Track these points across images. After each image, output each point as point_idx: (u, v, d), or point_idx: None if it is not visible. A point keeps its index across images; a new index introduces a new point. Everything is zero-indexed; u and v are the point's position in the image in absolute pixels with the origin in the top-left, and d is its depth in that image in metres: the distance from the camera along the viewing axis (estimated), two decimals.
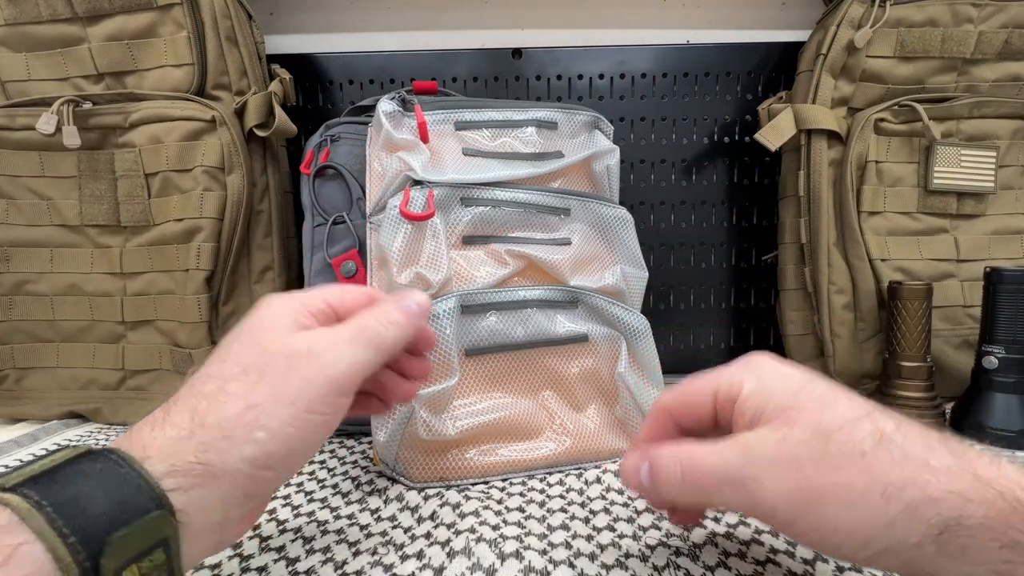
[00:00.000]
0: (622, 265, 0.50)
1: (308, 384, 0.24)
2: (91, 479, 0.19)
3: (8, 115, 0.54)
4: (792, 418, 0.23)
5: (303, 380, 0.24)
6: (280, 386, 0.24)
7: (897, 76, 0.58)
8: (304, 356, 0.25)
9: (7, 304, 0.57)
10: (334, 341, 0.26)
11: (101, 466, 0.20)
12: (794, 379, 0.25)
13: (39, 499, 0.18)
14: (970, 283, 0.59)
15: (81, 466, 0.20)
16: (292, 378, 0.24)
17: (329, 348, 0.25)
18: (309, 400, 0.24)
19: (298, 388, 0.24)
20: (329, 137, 0.55)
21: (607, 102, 0.68)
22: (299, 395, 0.24)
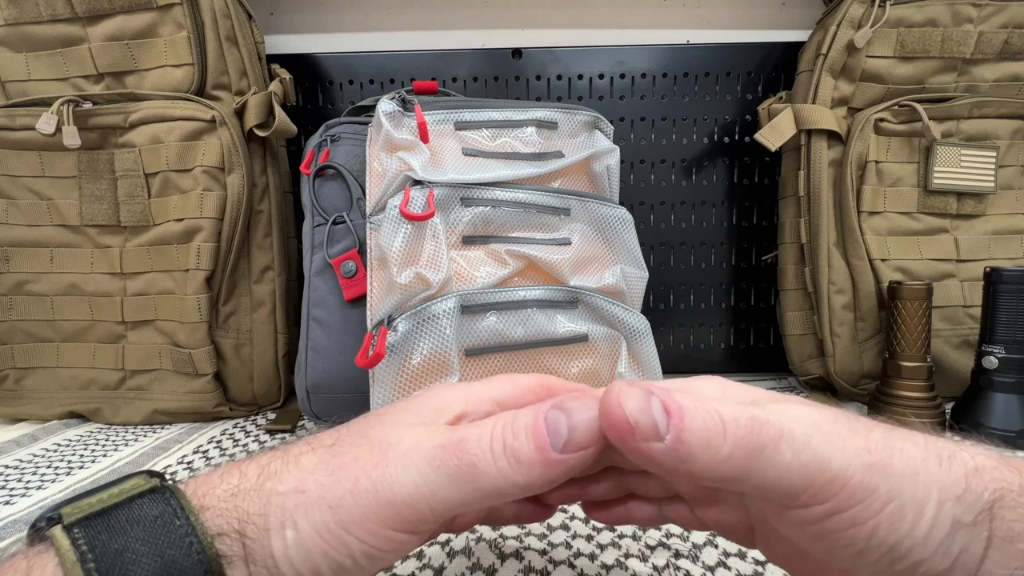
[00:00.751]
0: (622, 265, 0.50)
1: (356, 494, 0.18)
2: (144, 529, 0.17)
3: (8, 115, 0.54)
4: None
5: (354, 487, 0.18)
6: (332, 481, 0.18)
7: (897, 76, 0.58)
8: (379, 453, 0.19)
9: (7, 304, 0.57)
10: (412, 449, 0.19)
11: (158, 512, 0.17)
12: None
13: (87, 549, 0.16)
14: (970, 283, 0.59)
15: (140, 509, 0.17)
16: (345, 477, 0.18)
17: (405, 457, 0.19)
18: (348, 514, 0.18)
19: (342, 494, 0.18)
20: (329, 137, 0.55)
21: (607, 102, 0.68)
22: (340, 503, 0.18)
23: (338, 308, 0.54)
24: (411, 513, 0.18)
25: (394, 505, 0.18)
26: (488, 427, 0.19)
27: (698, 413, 0.18)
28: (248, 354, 0.58)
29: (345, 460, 0.19)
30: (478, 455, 0.18)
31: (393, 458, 0.19)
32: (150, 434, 0.55)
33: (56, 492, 0.42)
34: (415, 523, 0.18)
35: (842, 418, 0.18)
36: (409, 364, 0.42)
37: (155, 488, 0.18)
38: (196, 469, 0.46)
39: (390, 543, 0.18)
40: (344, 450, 0.19)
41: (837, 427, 0.18)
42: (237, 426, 0.56)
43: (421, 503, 0.18)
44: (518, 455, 0.18)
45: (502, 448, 0.18)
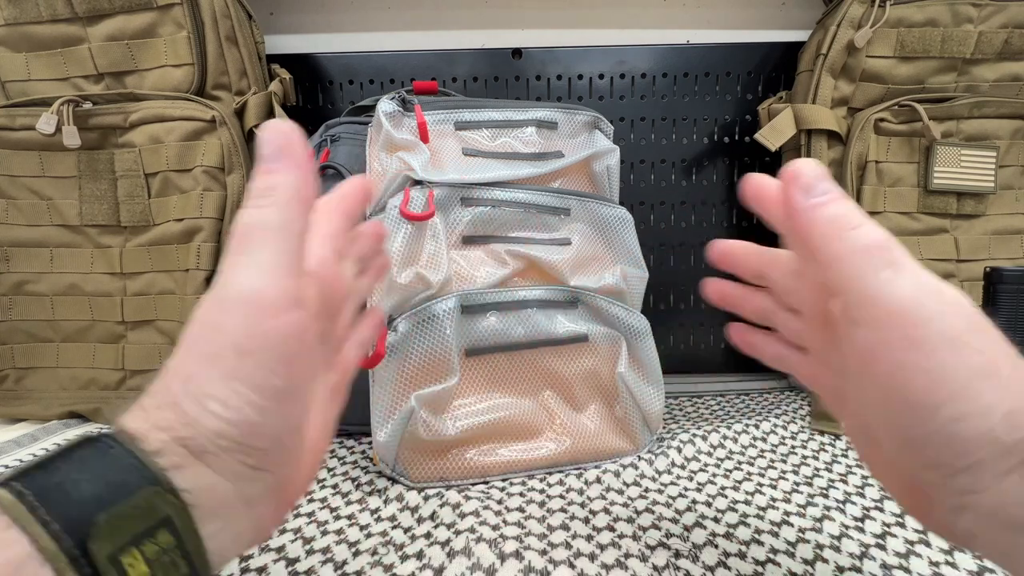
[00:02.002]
0: (622, 265, 0.50)
1: (228, 327, 0.20)
2: (81, 464, 0.18)
3: (8, 115, 0.54)
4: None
5: (220, 324, 0.20)
6: (206, 342, 0.20)
7: (897, 76, 0.58)
8: (222, 292, 0.20)
9: (7, 304, 0.57)
10: (232, 255, 0.20)
11: (92, 450, 0.18)
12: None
13: (22, 488, 0.16)
14: (970, 283, 0.59)
15: (73, 453, 0.18)
16: (210, 328, 0.20)
17: (234, 266, 0.20)
18: (234, 343, 0.19)
19: (222, 339, 0.19)
20: (329, 137, 0.55)
21: (607, 102, 0.68)
22: (220, 351, 0.19)
23: None
24: (268, 287, 0.20)
25: (254, 292, 0.20)
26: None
27: (843, 206, 0.22)
28: None
29: (206, 329, 0.20)
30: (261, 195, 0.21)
31: (228, 275, 0.20)
32: None
33: None
34: (278, 297, 0.20)
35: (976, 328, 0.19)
36: (409, 364, 0.42)
37: (88, 436, 0.19)
38: None
39: (275, 337, 0.20)
40: (198, 329, 0.20)
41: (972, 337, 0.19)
42: None
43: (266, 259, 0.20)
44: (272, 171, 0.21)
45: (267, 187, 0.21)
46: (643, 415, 0.47)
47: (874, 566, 0.31)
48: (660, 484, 0.42)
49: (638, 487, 0.42)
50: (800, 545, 0.33)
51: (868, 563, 0.32)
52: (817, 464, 0.45)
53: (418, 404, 0.41)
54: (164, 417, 0.19)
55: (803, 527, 0.35)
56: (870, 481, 0.42)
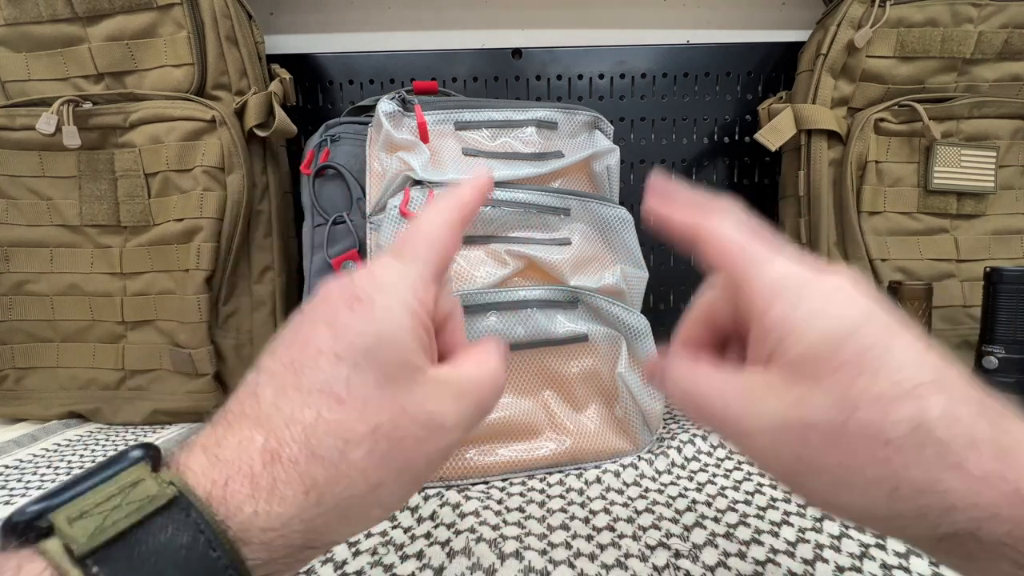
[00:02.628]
0: (622, 265, 0.50)
1: (433, 463, 0.20)
2: (179, 567, 0.15)
3: (8, 115, 0.54)
4: (818, 376, 0.18)
5: (429, 458, 0.19)
6: (409, 462, 0.19)
7: (897, 76, 0.58)
8: (436, 430, 0.19)
9: (7, 304, 0.57)
10: (461, 417, 0.20)
11: (189, 542, 0.15)
12: (840, 320, 0.18)
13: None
14: (970, 283, 0.59)
15: (167, 535, 0.15)
16: (420, 455, 0.19)
17: (457, 425, 0.20)
18: (428, 475, 0.20)
19: (424, 466, 0.19)
20: (329, 137, 0.55)
21: (607, 102, 0.68)
22: (420, 474, 0.20)
23: None
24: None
25: (449, 454, 0.21)
26: (493, 386, 0.22)
27: (668, 388, 0.22)
28: (248, 354, 0.58)
29: (408, 445, 0.19)
30: (490, 405, 0.22)
31: (450, 428, 0.20)
32: (150, 434, 0.55)
33: None
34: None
35: (818, 424, 0.18)
36: None
37: (173, 500, 0.15)
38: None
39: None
40: (397, 440, 0.19)
41: (792, 435, 0.18)
42: None
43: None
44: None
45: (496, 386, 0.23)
46: (643, 415, 0.47)
47: (874, 566, 0.31)
48: (660, 484, 0.42)
49: (638, 487, 0.42)
50: (800, 545, 0.33)
51: (868, 563, 0.32)
52: None
53: None
54: (289, 520, 0.17)
55: (803, 527, 0.35)
56: None
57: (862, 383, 0.17)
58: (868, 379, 0.17)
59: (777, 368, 0.19)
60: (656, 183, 0.23)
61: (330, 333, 0.18)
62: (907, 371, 0.17)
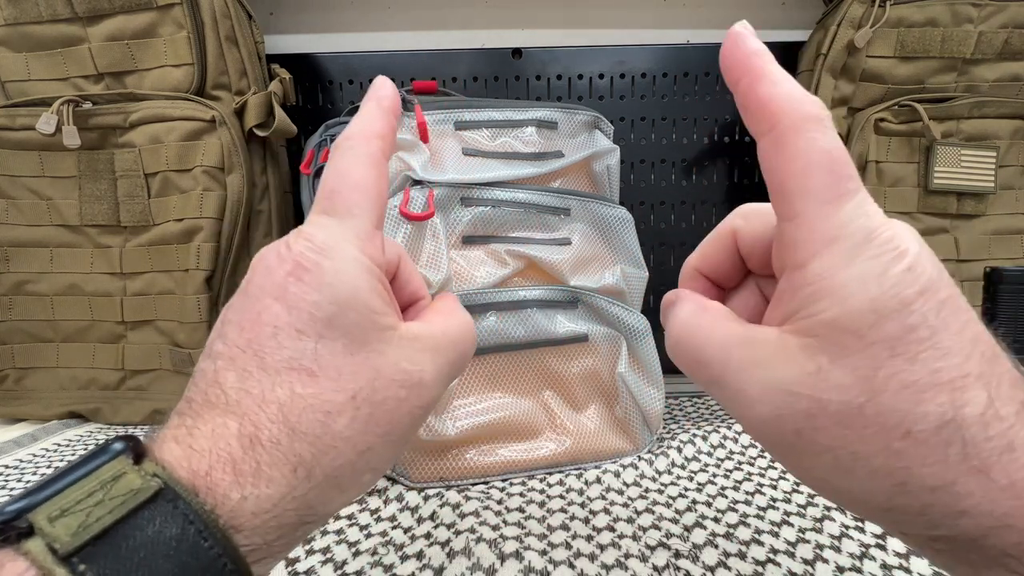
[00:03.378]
0: (622, 265, 0.50)
1: (417, 419, 0.20)
2: (170, 559, 0.14)
3: (8, 115, 0.54)
4: (847, 347, 0.15)
5: (413, 415, 0.19)
6: (393, 423, 0.18)
7: (897, 76, 0.58)
8: (415, 387, 0.19)
9: (7, 304, 0.57)
10: (440, 372, 0.20)
11: (178, 533, 0.14)
12: (900, 291, 0.15)
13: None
14: (970, 283, 0.59)
15: (154, 527, 0.14)
16: (403, 414, 0.19)
17: (436, 381, 0.20)
18: (413, 432, 0.20)
19: (409, 424, 0.19)
20: (329, 137, 0.55)
21: (607, 102, 0.68)
22: (406, 433, 0.19)
23: None
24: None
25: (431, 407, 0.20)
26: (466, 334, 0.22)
27: (667, 325, 0.21)
28: None
29: (390, 407, 0.18)
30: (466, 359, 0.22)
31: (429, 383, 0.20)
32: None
33: None
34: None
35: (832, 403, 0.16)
36: None
37: (158, 493, 0.15)
38: None
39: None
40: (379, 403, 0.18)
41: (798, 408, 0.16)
42: None
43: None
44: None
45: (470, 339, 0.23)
46: (643, 415, 0.47)
47: (874, 566, 0.31)
48: (660, 484, 0.42)
49: (638, 487, 0.42)
50: (800, 545, 0.33)
51: (868, 563, 0.32)
52: None
53: None
54: (280, 500, 0.16)
55: (803, 527, 0.35)
56: None
57: (895, 366, 0.15)
58: (903, 363, 0.15)
59: (799, 329, 0.16)
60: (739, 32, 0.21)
61: (283, 308, 0.17)
62: (951, 359, 0.15)
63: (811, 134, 0.17)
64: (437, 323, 0.21)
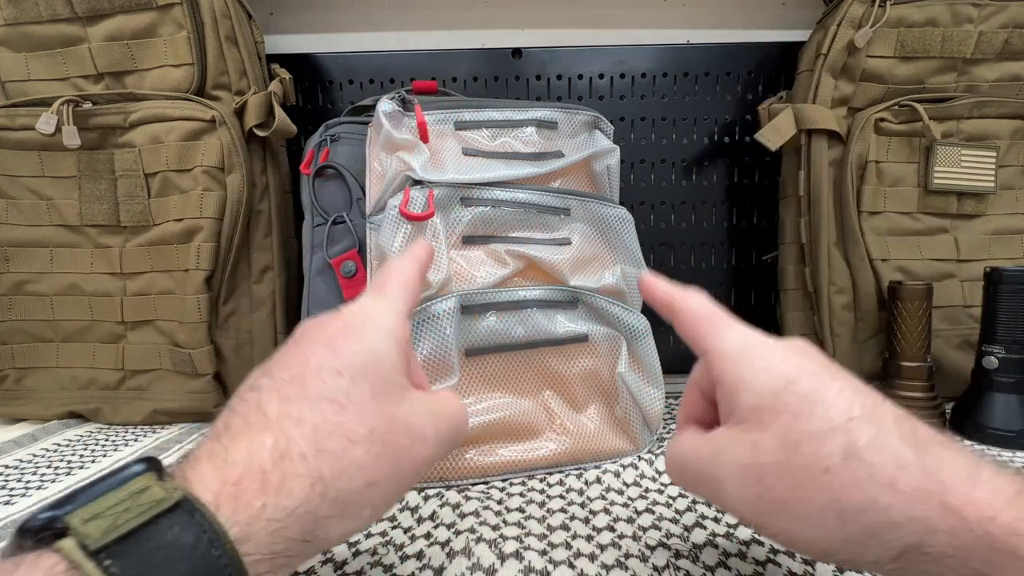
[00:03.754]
0: (622, 265, 0.50)
1: (416, 470, 0.23)
2: (184, 561, 0.16)
3: (8, 115, 0.54)
4: (765, 422, 0.22)
5: (413, 465, 0.22)
6: (397, 466, 0.22)
7: (897, 76, 0.58)
8: (420, 440, 0.23)
9: (7, 304, 0.57)
10: (439, 435, 0.24)
11: (193, 540, 0.16)
12: (780, 374, 0.22)
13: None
14: (970, 283, 0.59)
15: (171, 534, 0.16)
16: (407, 460, 0.22)
17: (435, 441, 0.23)
18: (411, 483, 0.23)
19: (409, 472, 0.22)
20: (329, 137, 0.55)
21: (607, 102, 0.68)
22: (407, 479, 0.22)
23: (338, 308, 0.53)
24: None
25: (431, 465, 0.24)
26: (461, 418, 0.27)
27: (666, 458, 0.28)
28: (248, 354, 0.58)
29: (398, 449, 0.22)
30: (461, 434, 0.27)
31: (432, 438, 0.23)
32: (150, 434, 0.55)
33: (56, 492, 0.42)
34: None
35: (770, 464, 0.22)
36: None
37: (179, 503, 0.17)
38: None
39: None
40: (390, 443, 0.21)
41: (752, 476, 0.22)
42: None
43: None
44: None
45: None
46: (643, 415, 0.47)
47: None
48: (660, 484, 0.42)
49: (638, 487, 0.42)
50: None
51: None
52: None
53: None
54: (293, 513, 0.18)
55: None
56: None
57: (800, 424, 0.21)
58: (804, 420, 0.21)
59: (735, 421, 0.23)
60: (645, 280, 0.30)
61: (329, 353, 0.22)
62: (837, 409, 0.21)
63: (692, 304, 0.28)
64: (441, 398, 0.26)
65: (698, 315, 0.26)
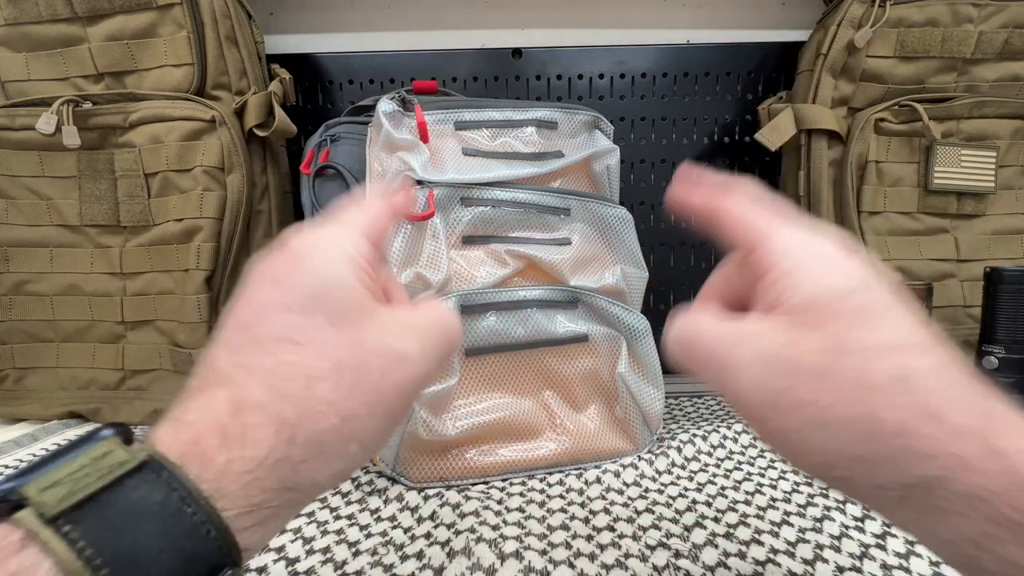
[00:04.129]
0: (622, 265, 0.50)
1: (405, 393, 0.21)
2: (153, 521, 0.15)
3: (8, 115, 0.54)
4: (815, 322, 0.19)
5: (400, 388, 0.20)
6: (379, 393, 0.20)
7: (897, 76, 0.58)
8: (399, 360, 0.21)
9: (7, 304, 0.57)
10: (425, 350, 0.22)
11: (162, 499, 0.15)
12: (847, 282, 0.20)
13: (91, 552, 0.14)
14: (970, 283, 0.59)
15: (139, 493, 0.15)
16: (389, 384, 0.20)
17: (422, 357, 0.21)
18: (403, 408, 0.21)
19: (395, 397, 0.20)
20: (329, 137, 0.55)
21: (607, 102, 0.68)
22: (396, 404, 0.21)
23: None
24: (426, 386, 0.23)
25: (422, 386, 0.22)
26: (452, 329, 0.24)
27: (669, 332, 0.24)
28: None
29: (374, 376, 0.20)
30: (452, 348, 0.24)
31: (415, 357, 0.21)
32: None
33: None
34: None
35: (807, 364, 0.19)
36: None
37: (144, 463, 0.16)
38: None
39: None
40: (363, 371, 0.19)
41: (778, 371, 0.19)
42: None
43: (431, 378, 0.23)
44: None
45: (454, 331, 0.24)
46: (643, 415, 0.47)
47: (874, 566, 0.31)
48: (660, 484, 0.42)
49: (638, 487, 0.42)
50: (800, 545, 0.33)
51: (868, 563, 0.32)
52: None
53: (418, 404, 0.41)
54: (263, 462, 0.17)
55: (803, 527, 0.35)
56: None
57: (855, 334, 0.19)
58: (860, 331, 0.19)
59: (777, 314, 0.20)
60: (684, 170, 0.26)
61: (276, 290, 0.20)
62: (898, 332, 0.19)
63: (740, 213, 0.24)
64: (422, 309, 0.24)
65: (748, 218, 0.23)
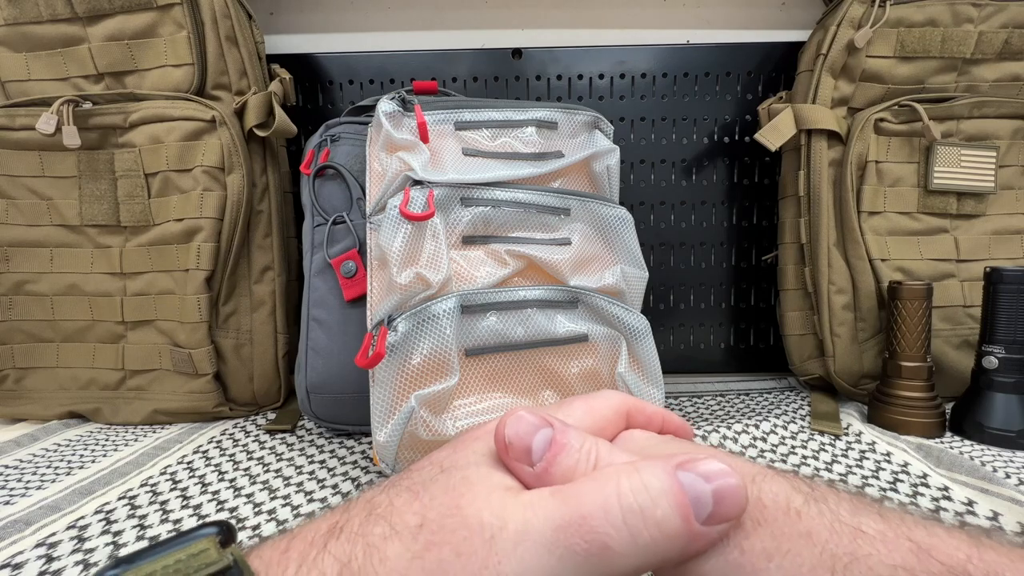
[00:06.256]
0: (622, 265, 0.50)
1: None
2: None
3: (8, 115, 0.54)
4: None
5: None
6: (442, 571, 0.16)
7: (897, 76, 0.58)
8: (482, 543, 0.16)
9: (7, 304, 0.57)
10: (522, 535, 0.16)
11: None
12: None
13: None
14: (970, 283, 0.59)
15: None
16: (459, 566, 0.16)
17: (518, 549, 0.16)
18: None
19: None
20: (329, 137, 0.55)
21: (607, 102, 0.68)
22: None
23: (338, 308, 0.54)
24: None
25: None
26: (611, 491, 0.16)
27: (574, 453, 0.19)
28: (248, 354, 0.58)
29: (444, 555, 0.16)
30: (611, 534, 0.16)
31: (503, 551, 0.16)
32: (150, 434, 0.55)
33: (56, 492, 0.41)
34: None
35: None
36: (409, 364, 0.42)
37: (228, 568, 0.16)
38: (196, 468, 0.46)
39: None
40: (437, 539, 0.16)
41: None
42: (237, 426, 0.56)
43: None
44: (663, 528, 0.16)
45: (641, 521, 0.16)
46: None
47: None
48: None
49: None
50: None
51: None
52: (817, 464, 0.45)
53: (418, 404, 0.41)
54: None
55: None
56: (870, 481, 0.42)
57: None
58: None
59: None
60: None
61: (450, 448, 0.21)
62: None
63: None
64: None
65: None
